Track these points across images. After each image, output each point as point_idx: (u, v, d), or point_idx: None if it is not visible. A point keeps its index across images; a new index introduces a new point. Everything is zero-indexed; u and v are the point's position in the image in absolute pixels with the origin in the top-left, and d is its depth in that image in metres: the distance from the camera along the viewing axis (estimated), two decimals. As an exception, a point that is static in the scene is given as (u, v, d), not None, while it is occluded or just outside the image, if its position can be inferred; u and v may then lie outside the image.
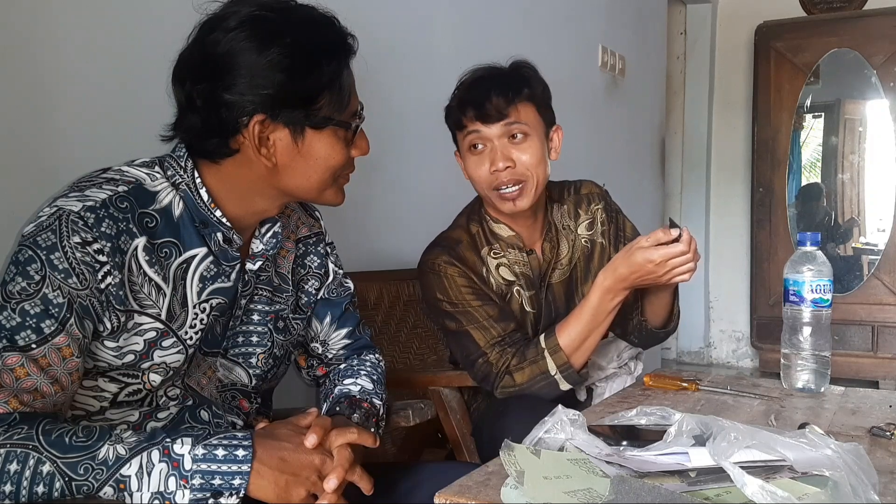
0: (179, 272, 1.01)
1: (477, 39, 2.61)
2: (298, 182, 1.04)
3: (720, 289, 4.97)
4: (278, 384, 1.23)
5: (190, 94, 0.98)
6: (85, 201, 0.93)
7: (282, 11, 1.00)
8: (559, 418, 0.98)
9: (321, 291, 1.24)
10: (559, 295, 1.60)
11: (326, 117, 1.01)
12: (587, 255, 1.61)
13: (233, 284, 1.07)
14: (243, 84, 0.95)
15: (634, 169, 4.02)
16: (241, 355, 1.12)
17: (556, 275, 1.59)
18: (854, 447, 0.85)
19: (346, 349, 1.28)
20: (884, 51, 4.19)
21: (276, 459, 0.92)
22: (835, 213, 4.48)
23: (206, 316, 1.04)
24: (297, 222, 1.22)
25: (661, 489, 0.78)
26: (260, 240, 1.10)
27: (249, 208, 1.06)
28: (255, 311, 1.13)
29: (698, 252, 1.37)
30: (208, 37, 0.97)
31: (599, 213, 1.63)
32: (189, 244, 1.02)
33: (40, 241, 0.90)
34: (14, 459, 0.84)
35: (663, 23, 4.35)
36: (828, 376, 1.38)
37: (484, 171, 1.48)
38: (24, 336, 0.88)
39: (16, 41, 1.33)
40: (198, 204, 1.02)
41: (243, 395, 1.14)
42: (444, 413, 1.59)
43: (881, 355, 4.20)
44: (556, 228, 1.61)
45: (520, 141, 1.48)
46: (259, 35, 0.96)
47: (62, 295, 0.90)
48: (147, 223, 0.98)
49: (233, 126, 0.97)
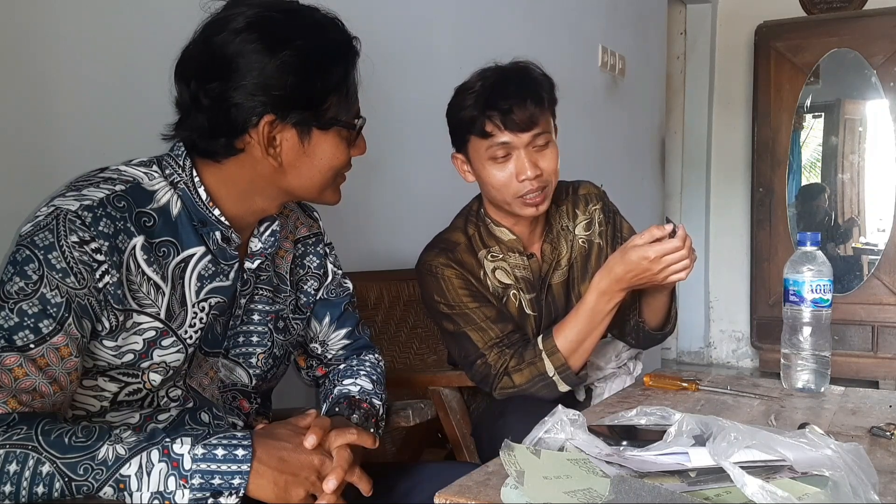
0: (178, 271, 1.01)
1: (477, 39, 2.61)
2: (301, 181, 1.04)
3: (720, 289, 4.97)
4: (277, 384, 1.24)
5: (196, 93, 0.98)
6: (82, 200, 0.93)
7: (289, 13, 1.00)
8: (559, 418, 0.98)
9: (320, 292, 1.24)
10: (559, 296, 1.60)
11: (333, 118, 1.02)
12: (584, 256, 1.61)
13: (231, 283, 1.07)
14: (254, 85, 0.96)
15: (634, 169, 4.02)
16: (242, 355, 1.12)
17: (557, 276, 1.59)
18: (854, 447, 0.85)
19: (346, 349, 1.28)
20: (884, 51, 4.19)
21: (275, 459, 0.92)
22: (835, 213, 4.48)
23: (205, 315, 1.04)
24: (295, 222, 1.23)
25: (661, 489, 0.78)
26: (259, 238, 1.10)
27: (249, 207, 1.06)
28: (256, 311, 1.13)
29: (694, 251, 1.36)
30: (216, 37, 0.97)
31: (597, 214, 1.63)
32: (187, 243, 1.02)
33: (38, 241, 0.90)
34: (13, 460, 0.84)
35: (663, 23, 4.35)
36: (828, 376, 1.38)
37: (507, 179, 1.46)
38: (23, 336, 0.88)
39: (16, 41, 1.33)
40: (196, 203, 1.02)
41: (244, 395, 1.14)
42: (444, 413, 1.59)
43: (881, 355, 4.20)
44: (555, 230, 1.61)
45: (543, 147, 1.47)
46: (269, 37, 0.96)
47: (60, 294, 0.90)
48: (145, 222, 0.98)
49: (241, 126, 0.98)
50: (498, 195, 1.49)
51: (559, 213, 1.62)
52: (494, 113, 1.43)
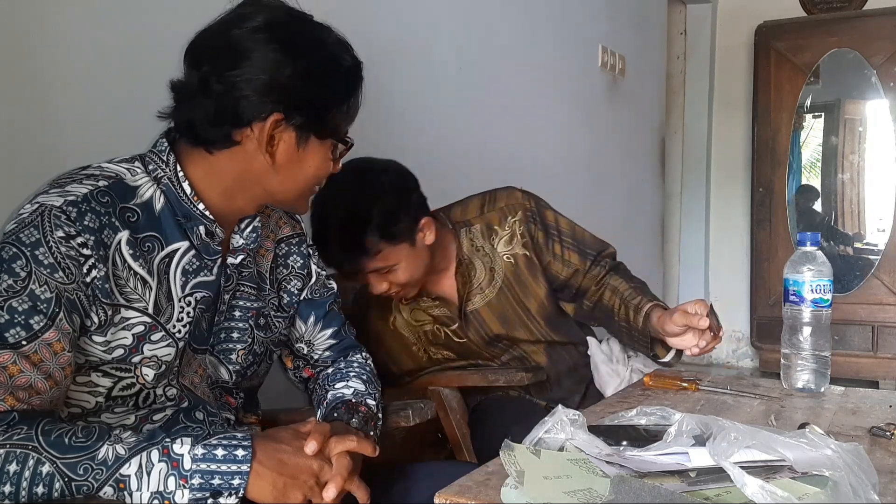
0: (163, 266, 1.01)
1: (477, 39, 2.61)
2: (285, 185, 1.07)
3: (720, 289, 4.97)
4: (262, 384, 1.24)
5: (207, 78, 0.99)
6: (66, 196, 0.94)
7: (306, 23, 1.04)
8: (559, 418, 0.98)
9: (304, 292, 1.25)
10: (488, 316, 1.63)
11: (332, 130, 1.06)
12: (514, 271, 1.63)
13: (215, 278, 1.08)
14: (267, 82, 0.98)
15: (634, 169, 4.02)
16: (223, 351, 1.13)
17: (477, 300, 1.62)
18: (854, 447, 0.85)
19: (332, 350, 1.29)
20: (884, 51, 4.19)
21: (275, 461, 0.92)
22: (835, 212, 4.48)
23: (192, 309, 1.04)
24: (277, 222, 1.23)
25: (661, 489, 0.78)
26: (240, 234, 1.11)
27: (230, 205, 1.08)
28: (238, 308, 1.13)
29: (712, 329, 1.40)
30: (235, 30, 0.99)
31: (518, 227, 1.62)
32: (171, 238, 1.02)
33: (24, 238, 0.90)
34: (13, 460, 0.84)
35: (663, 23, 4.35)
36: (828, 376, 1.38)
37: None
38: (14, 333, 0.88)
39: (16, 40, 1.32)
40: (180, 197, 1.03)
41: (226, 391, 1.15)
42: (444, 413, 1.59)
43: (881, 355, 4.20)
44: (464, 262, 1.62)
45: (389, 272, 1.50)
46: (286, 40, 0.99)
47: (49, 290, 0.90)
48: (129, 217, 0.98)
49: (247, 119, 0.99)
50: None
51: (470, 238, 1.63)
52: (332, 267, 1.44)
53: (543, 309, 1.65)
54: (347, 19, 1.08)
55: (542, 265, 1.63)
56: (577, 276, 1.63)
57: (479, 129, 2.58)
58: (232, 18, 1.01)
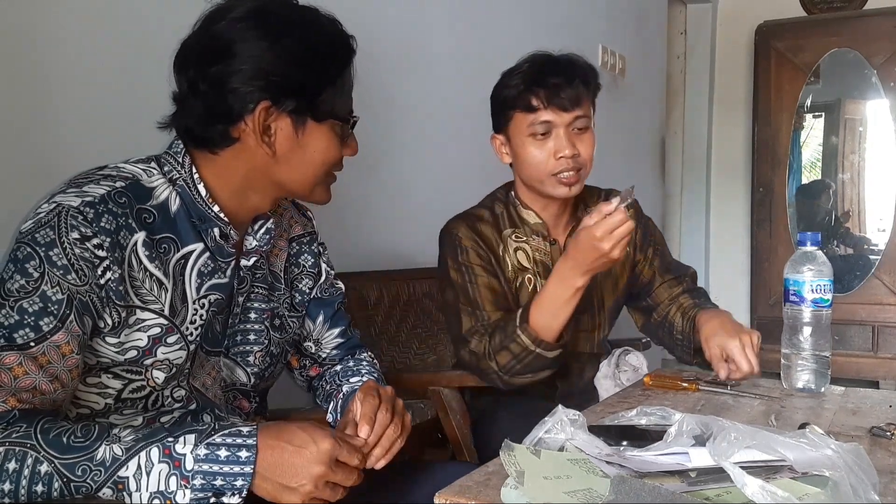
0: (178, 268, 1.01)
1: (477, 40, 2.61)
2: (294, 175, 1.05)
3: (720, 289, 4.96)
4: (273, 384, 1.23)
5: (194, 80, 0.99)
6: (84, 197, 0.93)
7: (289, 7, 1.03)
8: (559, 418, 0.98)
9: (314, 290, 1.25)
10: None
11: (328, 110, 1.03)
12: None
13: (229, 280, 1.07)
14: (251, 70, 0.97)
15: (634, 169, 4.02)
16: (240, 354, 1.12)
17: None
18: (854, 447, 0.85)
19: (340, 348, 1.28)
20: (884, 51, 4.19)
21: (278, 463, 0.91)
22: (835, 212, 4.48)
23: (205, 312, 1.04)
24: (289, 221, 1.23)
25: (661, 489, 0.78)
26: (253, 236, 1.11)
27: (243, 204, 1.07)
28: (253, 310, 1.13)
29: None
30: (216, 24, 0.99)
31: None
32: (186, 240, 1.02)
33: (39, 238, 0.90)
34: (13, 458, 0.84)
35: (663, 23, 4.35)
36: (828, 376, 1.38)
37: (545, 156, 1.51)
38: (23, 334, 0.88)
39: (16, 41, 1.32)
40: (195, 199, 1.03)
41: (243, 394, 1.14)
42: (444, 413, 1.59)
43: (881, 355, 4.20)
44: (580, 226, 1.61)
45: (582, 131, 1.52)
46: (269, 25, 0.98)
47: (61, 292, 0.89)
48: (145, 218, 0.98)
49: (238, 112, 0.98)
50: (533, 173, 1.54)
51: (587, 213, 1.63)
52: (540, 90, 1.49)
53: (617, 304, 1.69)
54: (347, 19, 1.08)
55: (633, 261, 1.67)
56: (655, 281, 1.67)
57: (478, 128, 2.58)
58: (212, 14, 1.00)
